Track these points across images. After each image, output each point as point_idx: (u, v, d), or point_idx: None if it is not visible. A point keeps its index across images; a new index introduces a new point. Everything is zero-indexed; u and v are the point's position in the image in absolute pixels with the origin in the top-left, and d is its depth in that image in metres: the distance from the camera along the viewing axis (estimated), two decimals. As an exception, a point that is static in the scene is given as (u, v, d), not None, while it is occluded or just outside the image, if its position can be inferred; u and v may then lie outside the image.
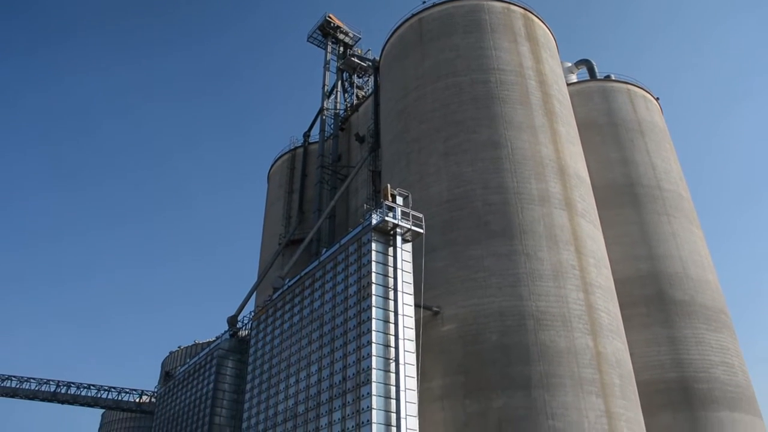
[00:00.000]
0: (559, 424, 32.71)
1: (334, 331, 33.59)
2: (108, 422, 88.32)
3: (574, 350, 35.01)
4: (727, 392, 47.62)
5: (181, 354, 77.97)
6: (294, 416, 34.82)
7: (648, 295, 50.36)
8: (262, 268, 57.89)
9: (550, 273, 37.13)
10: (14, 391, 65.69)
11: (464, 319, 36.24)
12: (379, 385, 29.59)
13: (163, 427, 53.68)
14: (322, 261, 37.48)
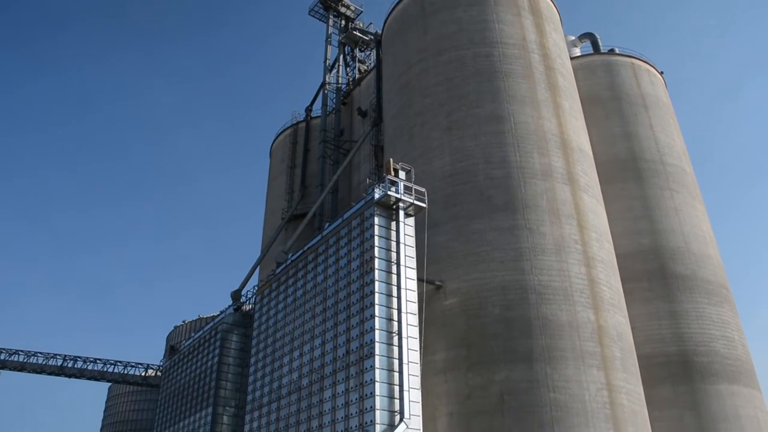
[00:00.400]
0: (561, 396, 33.06)
1: (338, 305, 33.84)
2: (114, 395, 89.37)
3: (576, 324, 35.25)
4: (726, 365, 48.01)
5: (185, 328, 78.60)
6: (298, 389, 35.23)
7: (650, 269, 50.52)
8: (265, 243, 58.11)
9: (552, 247, 37.25)
10: (22, 365, 66.43)
11: (467, 293, 36.45)
12: (382, 358, 29.89)
13: (169, 399, 54.34)
14: (324, 235, 37.63)
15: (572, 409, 32.89)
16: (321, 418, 32.39)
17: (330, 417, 31.70)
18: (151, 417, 71.28)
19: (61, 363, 66.44)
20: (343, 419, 30.62)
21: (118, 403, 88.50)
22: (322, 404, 32.63)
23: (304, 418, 33.81)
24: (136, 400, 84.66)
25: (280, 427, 36.00)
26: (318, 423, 32.53)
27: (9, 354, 66.41)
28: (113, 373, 67.94)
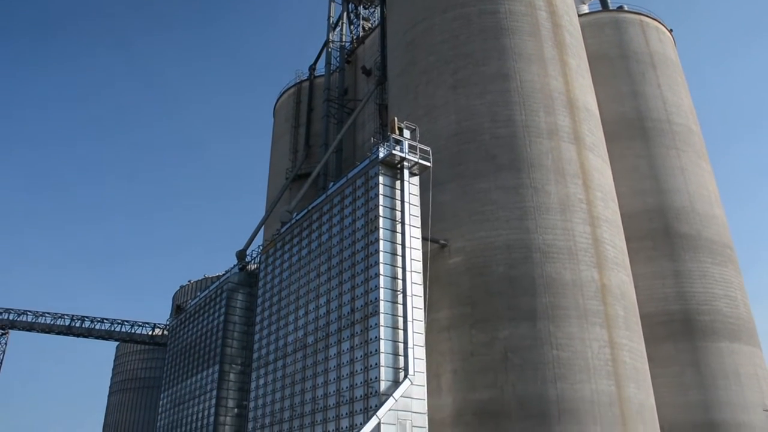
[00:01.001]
0: (563, 353, 33.39)
1: (342, 263, 33.98)
2: (122, 354, 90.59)
3: (580, 282, 35.41)
4: (728, 324, 48.39)
5: (191, 288, 79.22)
6: (303, 347, 35.62)
7: (654, 228, 50.57)
8: (269, 203, 58.13)
9: (557, 206, 37.21)
10: (31, 325, 67.28)
11: (471, 252, 36.56)
12: (386, 316, 30.12)
13: (176, 358, 55.07)
14: (329, 195, 37.62)
15: (575, 365, 33.25)
16: (326, 375, 32.82)
17: (335, 374, 32.10)
18: (158, 375, 72.31)
19: (69, 323, 67.26)
20: (348, 376, 31.02)
21: (126, 362, 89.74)
22: (328, 361, 33.02)
23: (310, 375, 34.26)
24: (144, 358, 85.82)
25: (286, 383, 36.52)
26: (323, 380, 32.97)
27: (18, 314, 67.23)
28: (120, 333, 68.79)
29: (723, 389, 45.76)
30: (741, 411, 45.29)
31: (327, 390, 32.48)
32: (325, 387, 32.67)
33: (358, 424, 28.50)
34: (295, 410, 34.79)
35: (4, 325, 67.43)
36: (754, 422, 45.17)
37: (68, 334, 67.81)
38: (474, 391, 33.58)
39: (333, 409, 31.64)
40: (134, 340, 71.03)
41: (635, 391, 34.85)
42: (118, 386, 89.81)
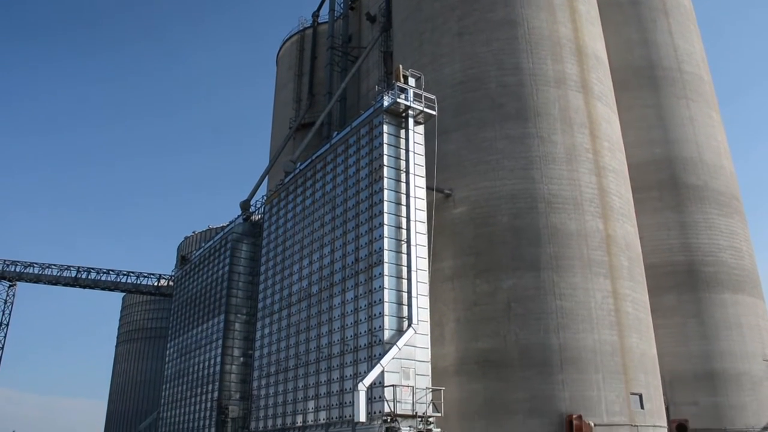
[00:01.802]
0: (567, 303, 33.45)
1: (346, 213, 33.82)
2: (129, 305, 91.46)
3: (584, 233, 35.24)
4: (732, 275, 48.40)
5: (195, 239, 79.42)
6: (308, 296, 35.74)
7: (661, 179, 50.17)
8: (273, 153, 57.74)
9: (563, 156, 36.78)
10: (37, 277, 67.74)
11: (476, 202, 36.34)
12: (390, 265, 30.08)
13: (182, 308, 55.53)
14: (333, 144, 37.24)
15: (578, 315, 33.35)
16: (331, 324, 33.00)
17: (339, 323, 32.27)
18: (165, 325, 73.06)
19: (75, 274, 67.66)
20: (353, 325, 31.18)
21: (133, 312, 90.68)
22: (332, 311, 33.16)
23: (314, 324, 34.47)
24: (150, 309, 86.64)
25: (290, 333, 36.78)
26: (328, 329, 33.16)
27: (24, 266, 67.66)
28: (126, 284, 69.24)
29: (725, 340, 46.03)
30: (741, 361, 45.65)
31: (331, 339, 32.69)
32: (330, 336, 32.87)
33: (362, 372, 28.72)
34: (300, 359, 35.12)
35: (12, 277, 67.95)
36: (754, 371, 45.57)
37: (75, 286, 68.30)
38: (477, 340, 33.78)
39: (337, 357, 31.90)
40: (140, 291, 71.55)
41: (637, 341, 35.02)
42: (125, 336, 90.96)
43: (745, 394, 44.79)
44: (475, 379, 33.14)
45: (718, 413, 44.10)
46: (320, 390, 32.71)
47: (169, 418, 52.55)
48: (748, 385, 45.08)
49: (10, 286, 68.91)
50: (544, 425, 31.29)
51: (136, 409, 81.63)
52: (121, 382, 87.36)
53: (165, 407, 54.23)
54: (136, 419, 76.39)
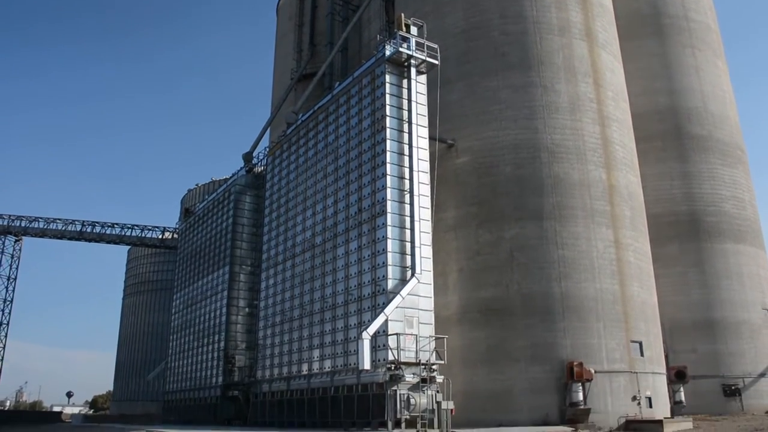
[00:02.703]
0: (569, 253, 33.71)
1: (349, 164, 33.82)
2: (134, 258, 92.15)
3: (587, 183, 35.29)
4: (734, 225, 48.66)
5: (199, 191, 79.48)
6: (312, 247, 36.00)
7: (665, 129, 50.04)
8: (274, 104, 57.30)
9: (566, 106, 36.58)
10: (43, 232, 68.23)
11: (479, 152, 36.29)
12: (393, 215, 30.18)
13: (187, 260, 55.99)
14: (335, 95, 37.00)
15: (580, 265, 33.65)
16: (335, 274, 33.32)
17: (343, 273, 32.56)
18: (170, 277, 73.75)
19: (80, 228, 68.16)
20: (356, 275, 31.48)
21: (138, 265, 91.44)
22: (336, 261, 33.43)
23: (318, 275, 34.80)
24: (155, 261, 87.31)
25: (295, 283, 37.17)
26: (332, 279, 33.50)
27: (29, 221, 68.10)
28: (131, 237, 69.78)
29: (725, 289, 46.56)
30: (741, 309, 46.25)
31: (335, 289, 33.05)
32: (334, 286, 33.22)
33: (366, 321, 29.14)
34: (305, 308, 35.56)
35: (17, 231, 68.48)
36: (754, 320, 46.19)
37: (80, 239, 68.86)
38: (480, 289, 34.17)
39: (341, 307, 32.30)
40: (145, 243, 72.14)
41: (638, 290, 35.41)
42: (132, 289, 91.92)
43: (744, 342, 45.51)
44: (478, 327, 33.64)
45: (717, 360, 44.91)
46: (325, 339, 33.21)
47: (176, 368, 53.53)
48: (747, 334, 45.77)
49: (16, 240, 69.54)
50: (546, 372, 31.89)
51: (144, 359, 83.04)
52: (129, 334, 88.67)
53: (173, 357, 55.18)
54: (145, 369, 77.76)
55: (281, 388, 36.73)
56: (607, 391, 32.04)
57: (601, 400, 31.61)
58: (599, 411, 31.27)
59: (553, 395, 31.47)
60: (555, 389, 31.52)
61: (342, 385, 31.15)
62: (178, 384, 52.63)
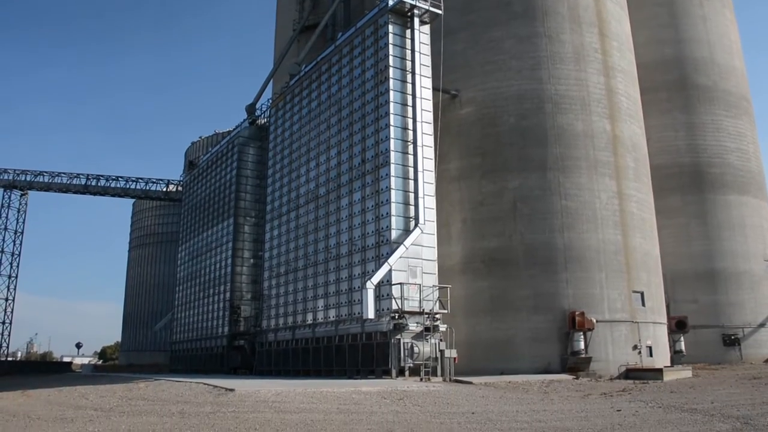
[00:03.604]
0: (572, 203, 33.82)
1: (353, 115, 33.72)
2: (139, 211, 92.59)
3: (591, 133, 35.17)
4: (738, 177, 48.62)
5: (202, 144, 79.39)
6: (315, 198, 36.16)
7: (670, 80, 49.60)
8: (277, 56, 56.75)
9: (571, 56, 36.20)
10: (48, 185, 68.36)
11: (482, 102, 36.11)
12: (397, 166, 30.26)
13: (191, 212, 56.28)
14: (338, 45, 36.67)
15: (582, 215, 33.79)
16: (338, 225, 33.54)
17: (347, 224, 32.79)
18: (175, 229, 74.14)
19: (85, 182, 68.23)
20: (360, 225, 31.70)
21: (144, 218, 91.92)
22: (339, 212, 33.62)
23: (322, 225, 35.04)
24: (160, 214, 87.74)
25: (299, 234, 37.45)
26: (336, 229, 33.74)
27: (34, 175, 68.17)
28: (136, 190, 69.88)
29: (727, 240, 46.78)
30: (743, 260, 46.55)
31: (339, 239, 33.31)
32: (338, 236, 33.48)
33: (370, 271, 29.46)
34: (309, 259, 35.90)
35: (23, 186, 68.65)
36: (754, 271, 46.51)
37: (85, 193, 69.02)
38: (483, 239, 34.41)
39: (345, 257, 32.61)
40: (149, 196, 72.32)
41: (641, 241, 35.61)
42: (137, 241, 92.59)
43: (744, 293, 45.93)
44: (481, 277, 33.98)
45: (717, 311, 45.41)
46: (329, 289, 33.62)
47: (183, 318, 54.32)
48: (748, 284, 46.15)
49: (22, 195, 69.76)
50: (548, 321, 32.33)
51: (151, 310, 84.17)
52: (136, 285, 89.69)
53: (179, 308, 55.94)
54: (152, 320, 78.92)
55: (286, 337, 37.35)
56: (608, 341, 32.52)
57: (602, 349, 32.12)
58: (600, 360, 31.81)
59: (555, 344, 31.97)
60: (557, 338, 32.01)
61: (346, 334, 31.69)
62: (184, 334, 53.48)
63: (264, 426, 13.74)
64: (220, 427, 13.68)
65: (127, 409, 17.76)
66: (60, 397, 23.90)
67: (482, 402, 18.84)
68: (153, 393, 22.15)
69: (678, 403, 17.81)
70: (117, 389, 24.47)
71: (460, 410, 16.72)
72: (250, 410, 16.28)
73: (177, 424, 14.42)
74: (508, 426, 13.95)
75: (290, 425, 13.86)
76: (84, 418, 16.22)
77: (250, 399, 18.37)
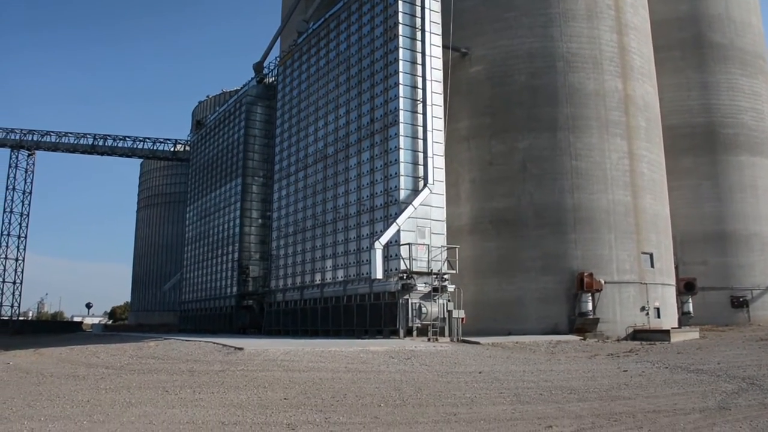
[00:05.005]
0: (582, 164, 33.48)
1: (361, 73, 33.26)
2: (147, 171, 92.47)
3: (603, 93, 34.63)
4: (751, 137, 47.94)
5: (210, 103, 78.80)
6: (324, 157, 35.92)
7: (685, 38, 48.60)
8: (284, 13, 55.93)
9: (584, 13, 35.46)
10: (55, 146, 68.23)
11: (493, 61, 35.53)
12: (406, 125, 29.91)
13: (199, 172, 56.17)
14: (346, 2, 35.99)
15: (593, 176, 33.49)
16: (347, 185, 33.37)
17: (356, 183, 32.60)
18: (183, 190, 74.16)
19: (92, 142, 68.05)
20: (369, 185, 31.51)
21: (151, 178, 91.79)
22: (348, 171, 33.41)
23: (331, 185, 34.87)
24: (168, 174, 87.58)
25: (307, 194, 37.31)
26: (344, 189, 33.58)
27: (41, 135, 68.00)
28: (143, 150, 69.70)
29: (739, 201, 46.35)
30: (753, 222, 46.17)
31: (348, 199, 33.17)
32: (346, 196, 33.34)
33: (379, 231, 29.37)
34: (317, 219, 35.84)
35: (30, 146, 68.55)
36: (765, 232, 46.18)
37: (92, 153, 68.88)
38: (492, 199, 34.23)
39: (354, 217, 32.51)
40: (157, 156, 72.15)
41: (651, 202, 35.33)
42: (145, 202, 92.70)
43: (754, 255, 45.68)
44: (490, 237, 33.89)
45: (726, 272, 45.21)
46: (337, 249, 33.61)
47: (192, 279, 54.64)
48: (758, 246, 45.87)
49: (29, 155, 69.71)
50: (556, 282, 32.30)
51: (159, 271, 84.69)
52: (144, 246, 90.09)
53: (188, 268, 56.23)
54: (161, 280, 79.46)
55: (294, 297, 37.52)
56: (616, 302, 32.51)
57: (609, 310, 32.14)
58: (608, 321, 31.86)
59: (563, 305, 32.00)
60: (565, 299, 32.03)
61: (354, 294, 31.77)
62: (193, 294, 53.86)
63: (273, 384, 13.82)
64: (229, 385, 13.77)
65: (137, 367, 17.92)
66: (72, 355, 24.18)
67: (489, 362, 18.91)
68: (163, 352, 22.36)
69: (684, 364, 17.82)
70: (127, 348, 24.72)
71: (467, 370, 16.78)
72: (259, 369, 16.38)
73: (187, 381, 14.52)
74: (515, 385, 13.98)
75: (299, 383, 13.94)
76: (95, 375, 16.38)
77: (259, 358, 18.49)
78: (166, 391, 13.12)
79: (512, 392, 12.97)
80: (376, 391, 12.90)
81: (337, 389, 13.18)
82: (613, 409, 10.97)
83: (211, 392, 12.89)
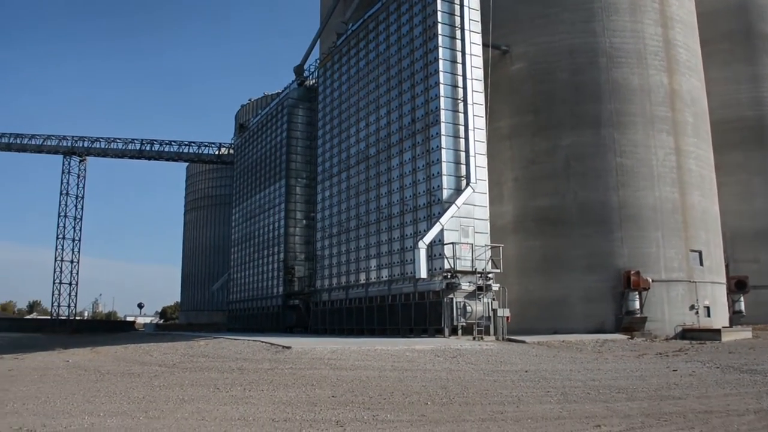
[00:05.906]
0: (627, 161, 33.03)
1: (401, 73, 33.39)
2: (192, 174, 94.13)
3: (648, 88, 34.10)
4: (804, 130, 46.59)
5: (252, 106, 79.84)
6: (366, 158, 36.16)
7: (733, 29, 47.46)
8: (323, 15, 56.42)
9: (626, 6, 34.95)
10: (104, 151, 70.20)
11: (534, 58, 35.30)
12: (447, 125, 29.94)
13: (244, 175, 57.06)
14: (384, 3, 36.15)
15: (638, 173, 33.01)
16: (390, 185, 33.54)
17: (398, 183, 32.74)
18: (228, 192, 75.36)
19: (139, 147, 69.84)
20: (411, 185, 31.63)
21: (197, 181, 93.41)
22: (390, 172, 33.57)
23: (374, 186, 35.09)
24: (213, 177, 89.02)
25: (350, 194, 37.61)
26: (387, 189, 33.75)
27: (91, 141, 70.04)
28: (189, 154, 71.20)
29: (791, 196, 45.05)
30: (807, 217, 44.82)
31: (391, 199, 33.34)
32: (389, 197, 33.50)
33: (422, 231, 29.47)
34: (361, 219, 36.09)
35: (81, 152, 70.66)
36: (820, 228, 44.76)
37: (140, 158, 70.70)
38: (535, 198, 34.02)
39: (397, 217, 32.65)
40: (202, 160, 73.58)
41: (699, 199, 34.65)
42: (192, 204, 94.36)
43: (809, 251, 44.35)
44: (533, 236, 33.69)
45: (779, 270, 43.95)
46: (382, 249, 33.80)
47: (239, 279, 55.52)
48: (812, 243, 44.53)
49: (81, 161, 71.80)
50: (602, 281, 31.95)
51: (208, 271, 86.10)
52: (192, 247, 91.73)
53: (235, 269, 57.15)
54: (209, 281, 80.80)
55: (340, 296, 37.85)
56: (665, 300, 31.98)
57: (657, 308, 31.64)
58: (656, 320, 31.37)
59: (609, 304, 31.62)
60: (611, 298, 31.64)
61: (399, 293, 31.93)
62: (240, 294, 54.73)
63: (321, 382, 14.06)
64: (278, 383, 14.06)
65: (189, 366, 18.39)
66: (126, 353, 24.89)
67: (535, 360, 18.85)
68: (213, 350, 22.85)
69: (736, 364, 17.49)
70: (179, 347, 25.32)
71: (513, 368, 16.78)
72: (306, 367, 16.66)
73: (237, 379, 14.87)
74: (562, 384, 13.94)
75: (346, 381, 14.14)
76: (150, 373, 16.87)
77: (307, 356, 18.78)
78: (218, 389, 13.47)
79: (559, 391, 12.95)
80: (422, 390, 13.02)
81: (384, 387, 13.34)
82: (663, 409, 10.87)
83: (260, 390, 13.19)
